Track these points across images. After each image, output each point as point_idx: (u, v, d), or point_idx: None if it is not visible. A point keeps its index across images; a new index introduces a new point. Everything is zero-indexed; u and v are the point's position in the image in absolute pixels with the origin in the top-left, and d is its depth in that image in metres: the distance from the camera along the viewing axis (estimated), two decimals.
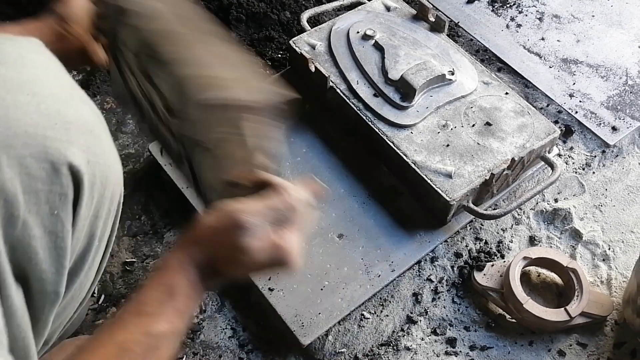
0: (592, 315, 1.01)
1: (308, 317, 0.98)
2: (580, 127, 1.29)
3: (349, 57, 1.22)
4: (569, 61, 1.40)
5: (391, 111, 1.14)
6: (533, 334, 1.02)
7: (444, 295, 1.06)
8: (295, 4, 1.46)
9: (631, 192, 1.21)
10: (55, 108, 0.57)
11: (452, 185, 1.05)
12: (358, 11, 1.31)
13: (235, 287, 1.04)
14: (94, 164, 0.60)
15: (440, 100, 1.16)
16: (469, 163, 1.08)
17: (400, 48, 1.21)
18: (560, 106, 1.32)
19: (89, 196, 0.60)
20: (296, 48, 1.22)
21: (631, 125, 1.29)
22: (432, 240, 1.09)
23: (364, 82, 1.18)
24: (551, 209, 1.17)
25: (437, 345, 1.01)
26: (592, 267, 1.10)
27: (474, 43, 1.43)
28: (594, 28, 1.47)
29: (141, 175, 1.17)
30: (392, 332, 1.01)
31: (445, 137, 1.11)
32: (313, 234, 1.06)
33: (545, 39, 1.44)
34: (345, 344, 1.00)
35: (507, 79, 1.36)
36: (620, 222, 1.16)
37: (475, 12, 1.50)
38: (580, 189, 1.21)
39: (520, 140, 1.11)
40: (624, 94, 1.34)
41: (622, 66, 1.39)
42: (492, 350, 1.00)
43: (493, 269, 1.05)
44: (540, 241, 1.13)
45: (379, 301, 1.04)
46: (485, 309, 1.05)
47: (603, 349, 1.01)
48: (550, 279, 1.08)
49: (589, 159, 1.25)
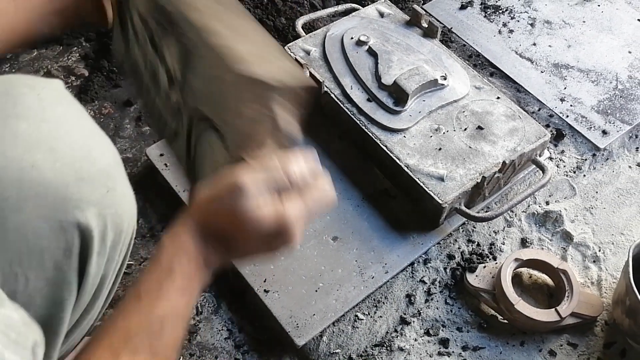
0: (582, 315, 1.02)
1: (303, 318, 0.99)
2: (571, 131, 1.31)
3: (343, 63, 1.24)
4: (560, 66, 1.42)
5: (384, 115, 1.16)
6: (524, 335, 1.03)
7: (436, 296, 1.07)
8: (290, 11, 1.48)
9: (621, 194, 1.23)
10: (71, 165, 0.58)
11: (445, 188, 1.07)
12: (352, 17, 1.33)
13: (231, 289, 1.06)
14: (106, 216, 0.61)
15: (433, 104, 1.18)
16: (461, 166, 1.10)
17: (393, 53, 1.23)
18: (551, 110, 1.34)
19: (101, 246, 0.62)
20: (291, 54, 1.24)
21: (621, 129, 1.31)
22: (425, 243, 1.11)
23: (357, 87, 1.20)
24: (542, 212, 1.18)
25: (430, 345, 1.02)
26: (582, 268, 1.12)
27: (466, 48, 1.45)
28: (585, 34, 1.49)
29: (138, 179, 1.19)
30: (386, 332, 1.03)
31: (438, 140, 1.13)
32: (307, 237, 1.08)
33: (536, 44, 1.46)
34: (339, 344, 1.01)
35: (499, 84, 1.38)
36: (610, 225, 1.18)
37: (468, 18, 1.52)
38: (571, 192, 1.23)
39: (512, 143, 1.13)
40: (614, 98, 1.36)
41: (613, 71, 1.41)
42: (484, 350, 1.02)
43: (485, 270, 1.07)
44: (531, 243, 1.14)
45: (372, 302, 1.06)
46: (477, 310, 1.06)
47: (593, 348, 1.03)
48: (542, 280, 1.09)
49: (579, 162, 1.27)
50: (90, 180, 0.59)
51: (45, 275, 0.58)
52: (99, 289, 0.66)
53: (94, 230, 0.59)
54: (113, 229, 0.62)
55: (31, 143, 0.57)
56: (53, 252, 0.57)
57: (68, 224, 0.57)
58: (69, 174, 0.58)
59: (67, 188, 0.57)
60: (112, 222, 0.62)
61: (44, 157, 0.57)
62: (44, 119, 0.59)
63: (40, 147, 0.57)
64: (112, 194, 0.61)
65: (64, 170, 0.58)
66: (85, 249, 0.60)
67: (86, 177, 0.59)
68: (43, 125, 0.58)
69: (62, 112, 0.62)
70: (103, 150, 0.63)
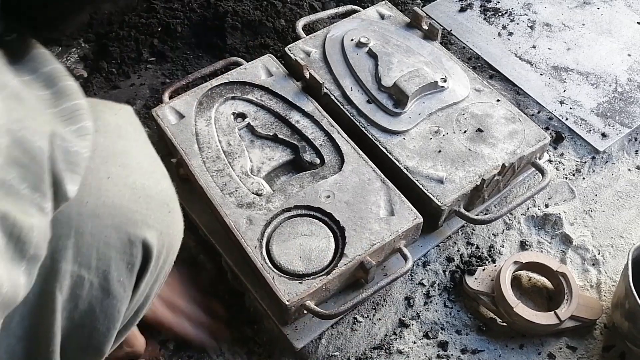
0: (581, 318, 1.02)
1: (301, 320, 0.99)
2: (571, 134, 1.31)
3: (343, 64, 1.24)
4: (559, 69, 1.42)
5: (384, 117, 1.16)
6: (523, 338, 1.03)
7: (435, 299, 1.07)
8: (290, 12, 1.48)
9: (620, 197, 1.23)
10: (140, 182, 0.61)
11: (444, 190, 1.07)
12: (352, 19, 1.33)
13: (230, 291, 1.05)
14: (165, 236, 0.63)
15: (433, 107, 1.18)
16: (461, 169, 1.09)
17: (393, 55, 1.23)
18: (550, 113, 1.34)
19: (155, 265, 0.64)
20: (291, 55, 1.24)
21: (620, 132, 1.31)
22: (424, 245, 1.11)
23: (357, 89, 1.20)
24: (542, 214, 1.18)
25: (429, 348, 1.02)
26: (581, 271, 1.12)
27: (466, 51, 1.45)
28: (585, 36, 1.49)
29: None
30: (385, 335, 1.03)
31: (437, 143, 1.13)
32: None
33: (536, 47, 1.46)
34: (338, 347, 1.01)
35: (498, 86, 1.38)
36: (609, 227, 1.18)
37: (468, 21, 1.52)
38: (571, 195, 1.23)
39: (511, 146, 1.13)
40: (613, 101, 1.36)
41: (612, 74, 1.41)
42: (484, 353, 1.01)
43: (484, 273, 1.07)
44: (530, 246, 1.14)
45: (371, 305, 1.05)
46: (476, 312, 1.06)
47: (592, 352, 1.02)
48: (541, 283, 1.09)
49: (579, 165, 1.27)
50: (155, 199, 0.62)
51: (108, 287, 0.59)
52: (140, 308, 0.68)
53: (154, 249, 0.61)
54: (167, 250, 0.65)
55: (108, 156, 0.60)
56: (118, 265, 0.59)
57: (136, 238, 0.59)
58: (139, 189, 0.61)
59: (137, 203, 0.60)
60: (168, 244, 0.64)
61: (118, 172, 0.60)
62: (120, 136, 0.62)
63: (116, 161, 0.60)
64: (172, 215, 0.64)
65: (136, 186, 0.60)
66: (143, 267, 0.62)
67: (153, 196, 0.62)
68: (119, 141, 0.62)
69: (134, 132, 0.65)
70: (163, 172, 0.66)
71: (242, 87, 1.19)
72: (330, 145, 1.11)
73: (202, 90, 1.17)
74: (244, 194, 1.03)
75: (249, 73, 1.20)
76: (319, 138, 1.12)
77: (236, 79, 1.19)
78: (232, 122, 1.13)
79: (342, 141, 1.11)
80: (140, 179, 0.61)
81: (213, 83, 1.18)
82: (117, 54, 1.40)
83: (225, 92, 1.18)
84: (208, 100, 1.16)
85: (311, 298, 0.94)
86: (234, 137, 1.11)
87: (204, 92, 1.16)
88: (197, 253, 1.10)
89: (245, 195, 1.03)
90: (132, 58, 1.41)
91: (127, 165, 0.61)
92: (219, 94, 1.17)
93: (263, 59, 1.24)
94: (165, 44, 1.44)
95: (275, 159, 1.10)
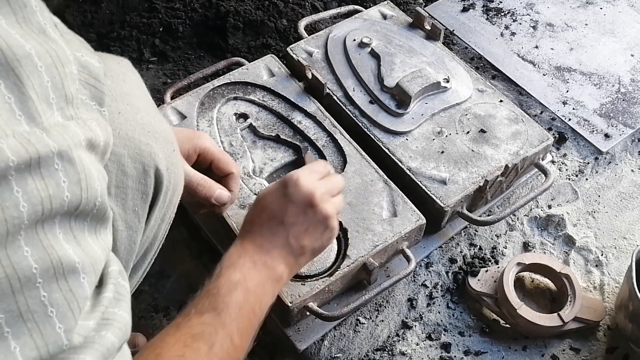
0: (585, 320, 1.02)
1: (304, 322, 0.99)
2: (574, 134, 1.31)
3: (345, 65, 1.23)
4: (562, 69, 1.42)
5: (387, 118, 1.15)
6: (527, 339, 1.03)
7: (438, 300, 1.07)
8: (292, 12, 1.48)
9: (624, 198, 1.23)
10: (147, 119, 0.66)
11: (447, 191, 1.06)
12: (355, 19, 1.33)
13: None
14: (171, 172, 0.67)
15: (435, 107, 1.17)
16: (464, 170, 1.09)
17: (396, 56, 1.23)
18: (553, 113, 1.33)
19: (163, 200, 0.67)
20: (293, 55, 1.24)
21: (624, 133, 1.30)
22: (426, 246, 1.10)
23: (360, 89, 1.20)
24: (545, 215, 1.18)
25: (431, 350, 1.01)
26: (585, 272, 1.12)
27: (468, 51, 1.45)
28: (587, 36, 1.49)
29: None
30: (388, 337, 1.02)
31: (440, 144, 1.13)
32: None
33: (539, 47, 1.46)
34: (340, 349, 1.01)
35: (501, 87, 1.37)
36: (612, 229, 1.18)
37: (470, 21, 1.52)
38: (574, 196, 1.22)
39: (514, 147, 1.12)
40: (616, 101, 1.36)
41: (615, 74, 1.41)
42: (487, 355, 1.01)
43: (487, 274, 1.06)
44: (534, 247, 1.14)
45: (374, 306, 1.05)
46: (479, 314, 1.06)
47: (596, 353, 1.02)
48: (544, 285, 1.09)
49: (582, 165, 1.27)
50: (161, 136, 0.67)
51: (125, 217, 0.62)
52: (148, 249, 0.70)
53: (164, 181, 0.65)
54: (172, 187, 0.68)
55: (116, 95, 0.65)
56: (134, 194, 0.63)
57: (149, 168, 0.63)
58: (147, 125, 0.65)
59: (148, 137, 0.64)
60: (174, 181, 0.67)
61: (127, 109, 0.64)
62: (125, 80, 0.68)
63: (124, 100, 0.65)
64: (176, 155, 0.69)
65: (144, 122, 0.65)
66: (154, 198, 0.65)
67: (159, 132, 0.66)
68: (124, 84, 0.67)
69: (135, 80, 0.71)
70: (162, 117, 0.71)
71: (244, 87, 1.18)
72: (333, 146, 1.11)
73: (204, 91, 1.16)
74: (246, 194, 1.03)
75: (250, 73, 1.20)
76: (322, 139, 1.11)
77: (238, 80, 1.19)
78: (234, 123, 1.13)
79: (344, 142, 1.11)
80: (147, 117, 0.66)
81: (215, 83, 1.18)
82: (119, 54, 1.40)
83: (227, 92, 1.17)
84: (210, 100, 1.16)
85: (314, 300, 0.94)
86: (236, 138, 1.10)
87: (206, 92, 1.16)
88: (198, 254, 1.10)
89: (248, 196, 1.03)
90: (134, 58, 1.41)
91: (134, 105, 0.65)
92: (221, 94, 1.17)
93: (265, 59, 1.23)
94: (166, 44, 1.44)
95: (278, 159, 1.09)
